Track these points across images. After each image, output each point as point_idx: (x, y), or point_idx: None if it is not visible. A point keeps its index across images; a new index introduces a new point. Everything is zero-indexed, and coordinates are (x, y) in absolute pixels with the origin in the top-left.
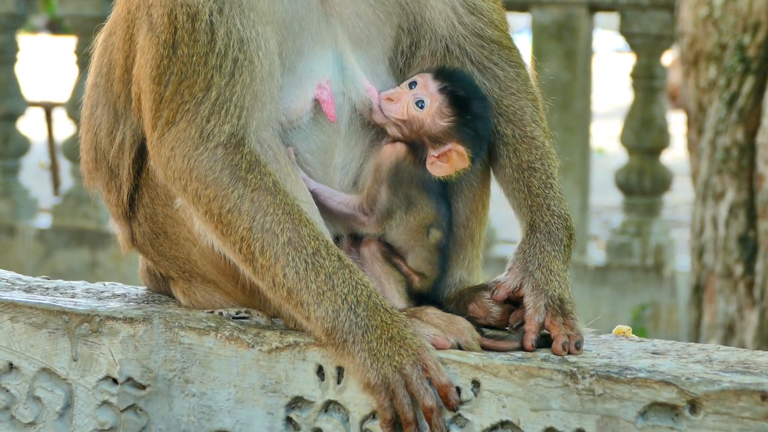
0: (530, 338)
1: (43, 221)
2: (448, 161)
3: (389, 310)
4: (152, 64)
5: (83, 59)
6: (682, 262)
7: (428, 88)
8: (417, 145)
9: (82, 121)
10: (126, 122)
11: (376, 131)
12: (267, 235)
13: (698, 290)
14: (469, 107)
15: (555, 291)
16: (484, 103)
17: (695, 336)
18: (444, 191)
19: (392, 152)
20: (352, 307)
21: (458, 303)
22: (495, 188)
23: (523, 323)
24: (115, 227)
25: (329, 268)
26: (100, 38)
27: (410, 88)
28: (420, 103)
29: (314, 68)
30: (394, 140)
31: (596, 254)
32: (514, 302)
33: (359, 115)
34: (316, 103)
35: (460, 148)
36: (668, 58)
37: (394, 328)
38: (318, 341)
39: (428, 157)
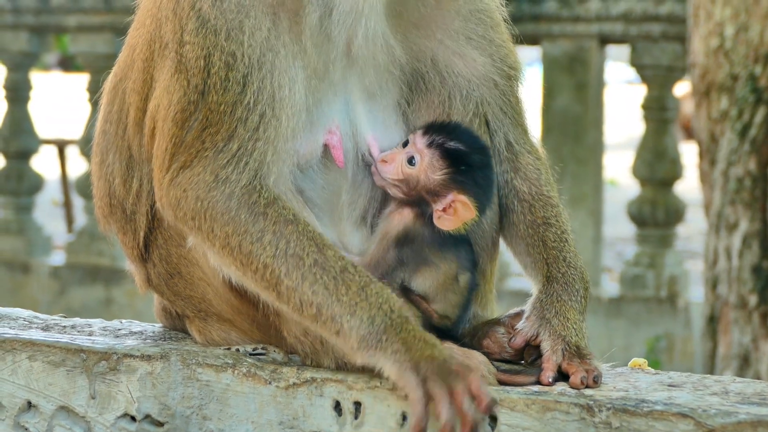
0: (547, 375)
1: (57, 258)
2: (454, 213)
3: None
4: (177, 107)
5: (96, 97)
6: (696, 293)
7: (416, 144)
8: (421, 203)
9: (93, 168)
10: (142, 167)
11: None
12: (292, 259)
13: (712, 321)
14: (463, 158)
15: (572, 338)
16: (482, 153)
17: (710, 367)
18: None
19: (400, 220)
20: (387, 313)
21: (473, 338)
22: None
23: (537, 357)
24: (131, 269)
25: (360, 283)
26: (107, 85)
27: (404, 147)
28: (411, 160)
29: (325, 114)
30: (399, 207)
31: (610, 286)
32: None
33: (366, 159)
34: (325, 147)
35: (462, 197)
36: (682, 89)
37: (425, 335)
38: (349, 352)
39: (434, 212)
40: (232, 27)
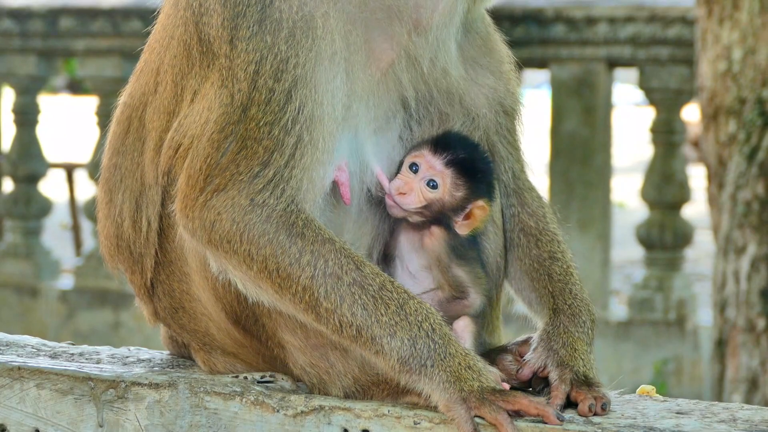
0: (556, 403)
1: (66, 282)
2: (472, 217)
3: (458, 342)
4: (215, 126)
5: (104, 120)
6: (704, 317)
7: (434, 166)
8: (440, 218)
9: (100, 206)
10: (150, 200)
11: (385, 210)
12: (330, 279)
13: (721, 344)
14: (476, 166)
15: (580, 368)
16: (482, 153)
17: (718, 390)
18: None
19: (435, 241)
20: (428, 334)
21: None
22: None
23: (545, 386)
24: (139, 304)
25: (398, 300)
26: (116, 116)
27: (412, 171)
28: (432, 184)
29: (336, 150)
30: (418, 231)
31: (618, 309)
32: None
33: (371, 196)
34: (334, 184)
35: (480, 203)
36: (692, 112)
37: (470, 359)
38: (389, 372)
39: (455, 223)
40: (298, 26)
